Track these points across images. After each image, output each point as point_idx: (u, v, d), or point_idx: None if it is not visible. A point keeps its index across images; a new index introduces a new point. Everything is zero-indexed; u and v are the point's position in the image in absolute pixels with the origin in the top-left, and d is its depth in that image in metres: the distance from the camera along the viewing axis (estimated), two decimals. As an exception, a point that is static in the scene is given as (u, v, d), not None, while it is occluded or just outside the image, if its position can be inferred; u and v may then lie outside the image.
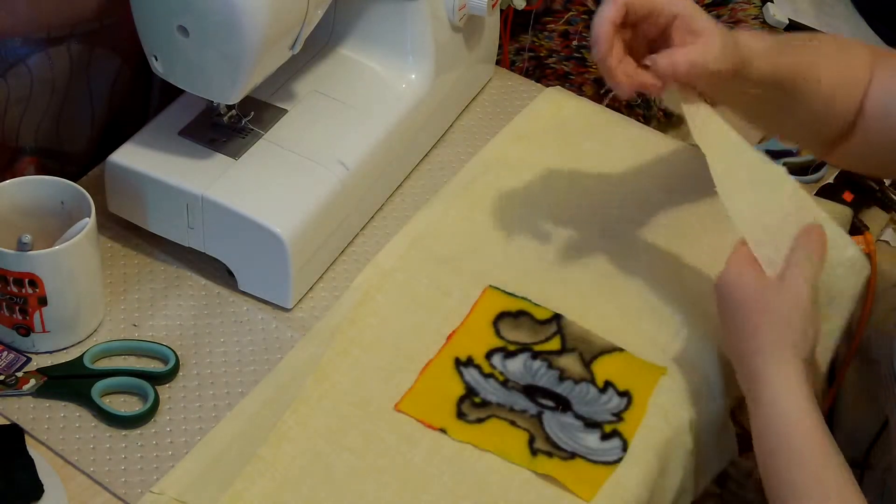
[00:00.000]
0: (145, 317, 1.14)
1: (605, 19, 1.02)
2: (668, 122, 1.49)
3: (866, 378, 1.53)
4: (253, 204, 1.12)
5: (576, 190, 1.26)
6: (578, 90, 1.47)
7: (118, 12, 1.16)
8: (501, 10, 1.39)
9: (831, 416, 1.58)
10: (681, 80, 1.04)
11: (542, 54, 1.51)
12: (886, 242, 1.51)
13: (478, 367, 1.10)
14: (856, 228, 1.41)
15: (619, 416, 1.07)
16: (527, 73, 1.50)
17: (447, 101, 1.32)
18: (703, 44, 1.03)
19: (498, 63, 1.43)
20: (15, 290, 1.05)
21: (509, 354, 1.11)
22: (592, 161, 1.29)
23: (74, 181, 1.11)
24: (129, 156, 1.16)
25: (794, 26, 1.46)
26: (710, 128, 1.08)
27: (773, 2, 1.46)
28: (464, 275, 1.18)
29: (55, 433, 1.04)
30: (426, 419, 1.06)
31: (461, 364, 1.10)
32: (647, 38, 1.06)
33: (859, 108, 1.16)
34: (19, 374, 1.07)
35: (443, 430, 1.05)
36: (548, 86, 1.40)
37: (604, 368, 1.11)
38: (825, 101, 1.14)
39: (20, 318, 1.08)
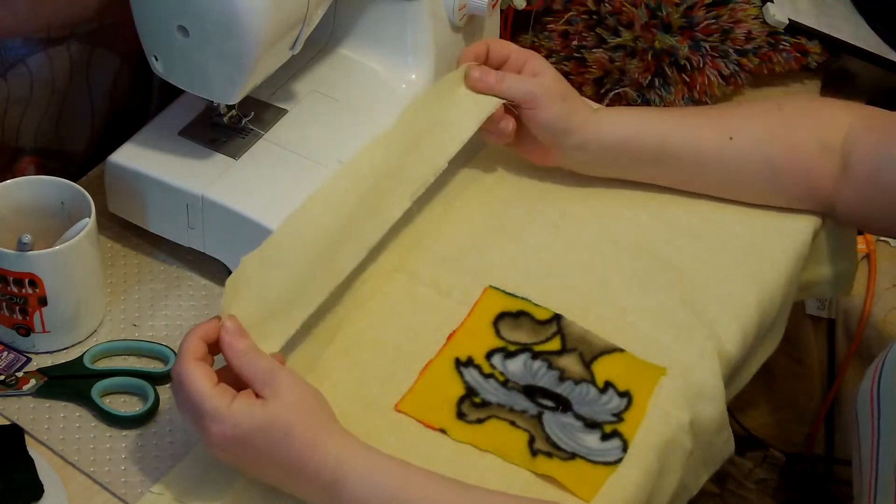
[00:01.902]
0: (145, 317, 1.14)
1: (468, 52, 1.22)
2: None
3: (866, 378, 1.53)
4: (253, 204, 1.12)
5: (576, 190, 1.26)
6: (578, 90, 1.46)
7: (118, 12, 1.16)
8: (501, 10, 1.39)
9: (831, 416, 1.58)
10: (503, 94, 1.19)
11: (542, 54, 1.51)
12: (886, 242, 1.52)
13: (478, 367, 1.10)
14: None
15: (619, 417, 1.07)
16: (527, 73, 1.50)
17: (447, 101, 1.31)
18: (536, 80, 1.20)
19: (498, 63, 1.42)
20: (15, 290, 1.05)
21: (509, 355, 1.11)
22: (592, 161, 1.29)
23: (74, 181, 1.11)
24: (129, 156, 1.16)
25: (793, 26, 1.45)
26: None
27: (773, 2, 1.46)
28: (464, 275, 1.18)
29: (55, 433, 1.04)
30: (426, 419, 1.06)
31: (461, 364, 1.10)
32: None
33: (842, 166, 1.19)
34: (19, 374, 1.07)
35: (443, 431, 1.05)
36: (548, 86, 1.40)
37: (604, 369, 1.11)
38: (743, 156, 1.20)
39: (20, 318, 1.08)
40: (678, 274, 1.19)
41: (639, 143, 1.22)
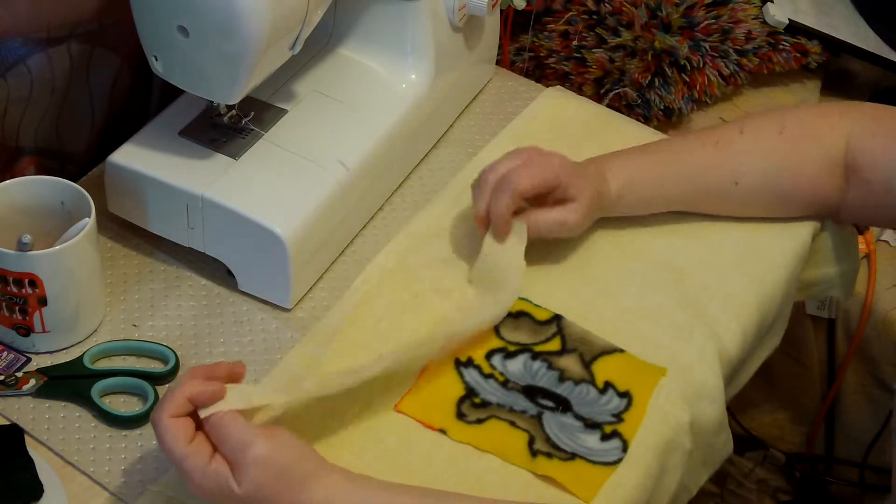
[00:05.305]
0: (145, 317, 1.14)
1: (505, 209, 1.13)
2: (668, 122, 1.50)
3: (866, 378, 1.53)
4: (253, 204, 1.12)
5: (576, 190, 1.26)
6: (578, 90, 1.47)
7: (118, 12, 1.16)
8: (501, 11, 1.39)
9: (831, 416, 1.58)
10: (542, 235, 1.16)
11: (542, 54, 1.51)
12: (886, 242, 1.52)
13: (478, 367, 1.10)
14: (856, 228, 1.41)
15: (618, 417, 1.07)
16: (527, 74, 1.51)
17: (447, 102, 1.32)
18: (568, 209, 1.15)
19: (498, 63, 1.43)
20: (15, 290, 1.05)
21: (509, 355, 1.11)
22: (592, 161, 1.29)
23: (74, 181, 1.11)
24: (129, 156, 1.16)
25: (793, 26, 1.46)
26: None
27: (773, 2, 1.46)
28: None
29: (55, 433, 1.04)
30: (426, 420, 1.06)
31: (461, 364, 1.10)
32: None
33: (845, 173, 1.19)
34: (19, 375, 1.07)
35: (443, 431, 1.05)
36: (548, 86, 1.40)
37: (604, 369, 1.11)
38: (752, 193, 1.20)
39: (20, 318, 1.08)
40: (678, 274, 1.19)
41: (648, 209, 1.22)
